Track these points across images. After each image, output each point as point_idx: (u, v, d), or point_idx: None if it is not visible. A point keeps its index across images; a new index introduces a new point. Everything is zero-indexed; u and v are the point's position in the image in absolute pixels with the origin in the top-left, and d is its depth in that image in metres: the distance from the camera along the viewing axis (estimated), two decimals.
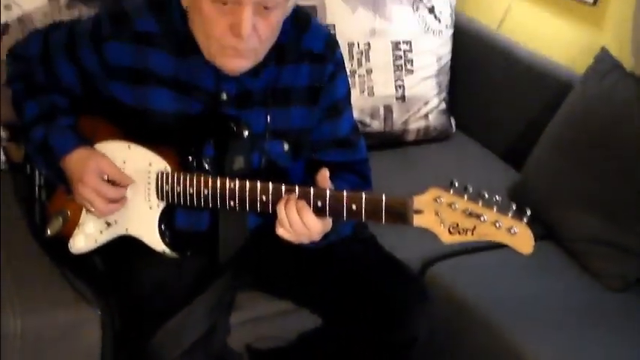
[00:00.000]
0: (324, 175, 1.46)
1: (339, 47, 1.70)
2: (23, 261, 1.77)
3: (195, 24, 1.51)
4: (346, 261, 1.68)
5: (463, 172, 2.39)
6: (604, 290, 1.96)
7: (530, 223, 1.30)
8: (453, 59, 2.65)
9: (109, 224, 1.65)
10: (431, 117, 2.59)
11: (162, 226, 1.60)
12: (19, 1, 1.98)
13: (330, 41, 1.68)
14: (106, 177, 1.58)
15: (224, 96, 1.60)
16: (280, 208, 1.44)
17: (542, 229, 2.05)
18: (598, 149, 2.04)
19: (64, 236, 1.69)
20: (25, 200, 1.83)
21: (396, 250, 1.77)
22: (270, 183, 1.47)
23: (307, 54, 1.63)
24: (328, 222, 1.49)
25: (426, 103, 2.57)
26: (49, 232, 1.69)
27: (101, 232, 1.66)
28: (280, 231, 1.47)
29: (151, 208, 1.60)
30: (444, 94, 2.63)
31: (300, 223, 1.44)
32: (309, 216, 1.43)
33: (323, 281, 1.68)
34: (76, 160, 1.59)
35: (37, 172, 1.76)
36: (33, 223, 1.79)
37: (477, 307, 1.85)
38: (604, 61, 2.15)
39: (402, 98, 2.52)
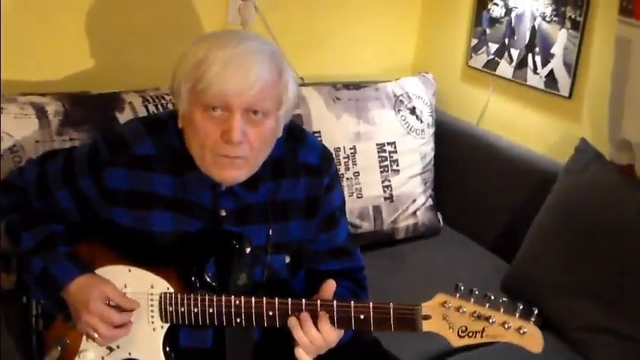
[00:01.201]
0: (329, 289, 1.48)
1: (334, 160, 1.74)
2: None
3: (190, 138, 1.53)
4: None
5: (455, 267, 2.44)
6: None
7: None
8: (436, 156, 2.71)
9: (111, 349, 1.62)
10: (419, 214, 2.63)
11: (167, 348, 1.59)
12: (10, 131, 1.99)
13: (325, 154, 1.71)
14: (109, 302, 1.58)
15: (223, 212, 1.61)
16: (298, 333, 1.46)
17: (539, 319, 2.05)
18: (586, 238, 2.07)
19: None
20: (20, 330, 1.79)
21: (398, 350, 1.77)
22: (277, 298, 1.48)
23: (304, 167, 1.66)
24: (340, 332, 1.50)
25: (414, 201, 2.61)
26: None
27: (103, 358, 1.63)
28: (300, 352, 1.48)
29: (154, 330, 1.59)
30: (430, 191, 2.68)
31: (320, 338, 1.45)
32: (327, 327, 1.45)
33: None
34: (78, 288, 1.58)
35: (33, 302, 1.73)
36: (29, 354, 1.75)
37: None
38: (584, 152, 2.21)
39: (390, 198, 2.56)
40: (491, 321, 1.31)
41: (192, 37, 1.55)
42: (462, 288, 1.34)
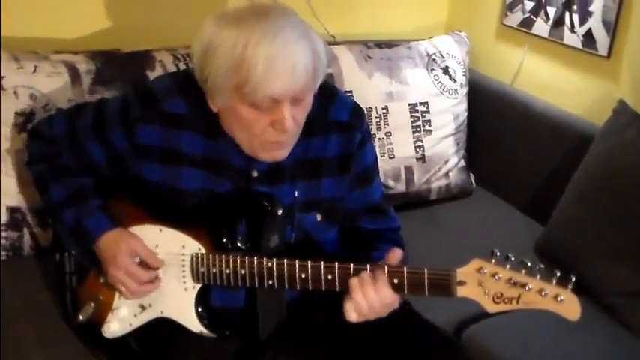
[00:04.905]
0: (395, 257, 1.47)
1: (365, 116, 1.72)
2: (56, 346, 1.76)
3: (233, 126, 1.53)
4: (384, 330, 1.64)
5: (487, 229, 2.42)
6: None
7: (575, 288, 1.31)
8: (469, 116, 2.67)
9: (143, 307, 1.64)
10: (451, 175, 2.61)
11: (200, 308, 1.60)
12: (44, 89, 2.01)
13: (356, 110, 1.70)
14: (137, 259, 1.59)
15: (255, 173, 1.61)
16: (357, 291, 1.44)
17: (575, 286, 2.04)
18: (623, 200, 2.04)
19: (97, 321, 1.68)
20: (55, 286, 1.82)
21: (429, 313, 1.75)
22: (309, 261, 1.47)
23: (335, 124, 1.65)
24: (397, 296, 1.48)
25: (446, 162, 2.59)
26: (81, 317, 1.68)
27: (135, 315, 1.65)
28: (349, 309, 1.46)
29: (186, 290, 1.60)
30: (462, 152, 2.65)
31: (378, 302, 1.44)
32: (386, 290, 1.44)
33: (362, 351, 1.66)
34: (108, 241, 1.60)
35: (66, 260, 1.76)
36: (64, 309, 1.79)
37: None
38: (623, 113, 2.16)
39: (423, 159, 2.54)
40: (527, 288, 1.30)
41: (213, 16, 1.47)
42: (498, 254, 1.32)
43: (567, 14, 2.44)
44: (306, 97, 1.50)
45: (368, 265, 1.44)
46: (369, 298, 1.44)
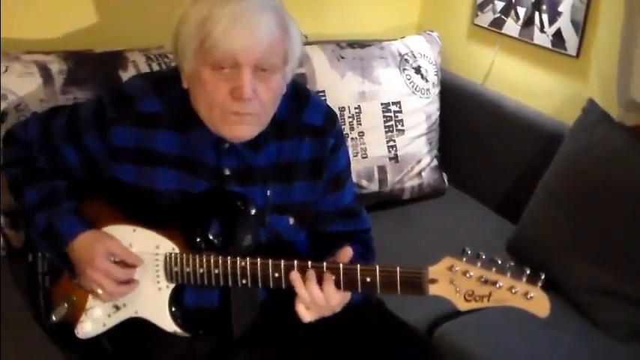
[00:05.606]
0: (345, 256, 1.47)
1: (338, 120, 1.73)
2: (29, 347, 1.75)
3: (198, 97, 1.52)
4: (357, 329, 1.67)
5: (460, 228, 2.44)
6: (611, 340, 1.97)
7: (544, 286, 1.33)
8: (441, 116, 2.69)
9: (117, 308, 1.64)
10: (424, 175, 2.62)
11: (173, 308, 1.60)
12: (15, 89, 1.99)
13: (329, 114, 1.70)
14: (113, 259, 1.58)
15: (227, 171, 1.61)
16: (300, 288, 1.46)
17: (545, 284, 2.06)
18: (593, 200, 2.06)
19: (70, 322, 1.68)
20: (28, 287, 1.81)
21: (402, 311, 1.77)
22: (282, 260, 1.48)
23: (308, 128, 1.65)
24: (347, 293, 1.50)
25: (419, 162, 2.61)
26: (54, 318, 1.67)
27: (109, 315, 1.65)
28: (301, 308, 1.48)
29: (160, 289, 1.60)
30: (435, 152, 2.67)
31: (322, 297, 1.45)
32: (331, 289, 1.45)
33: (335, 350, 1.67)
34: (83, 243, 1.59)
35: (39, 260, 1.74)
36: (37, 310, 1.77)
37: None
38: (592, 112, 2.19)
39: (395, 158, 2.56)
40: (498, 285, 1.31)
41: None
42: (469, 252, 1.34)
43: (537, 14, 2.47)
44: (272, 75, 1.50)
45: (341, 264, 1.45)
46: (310, 289, 1.46)
